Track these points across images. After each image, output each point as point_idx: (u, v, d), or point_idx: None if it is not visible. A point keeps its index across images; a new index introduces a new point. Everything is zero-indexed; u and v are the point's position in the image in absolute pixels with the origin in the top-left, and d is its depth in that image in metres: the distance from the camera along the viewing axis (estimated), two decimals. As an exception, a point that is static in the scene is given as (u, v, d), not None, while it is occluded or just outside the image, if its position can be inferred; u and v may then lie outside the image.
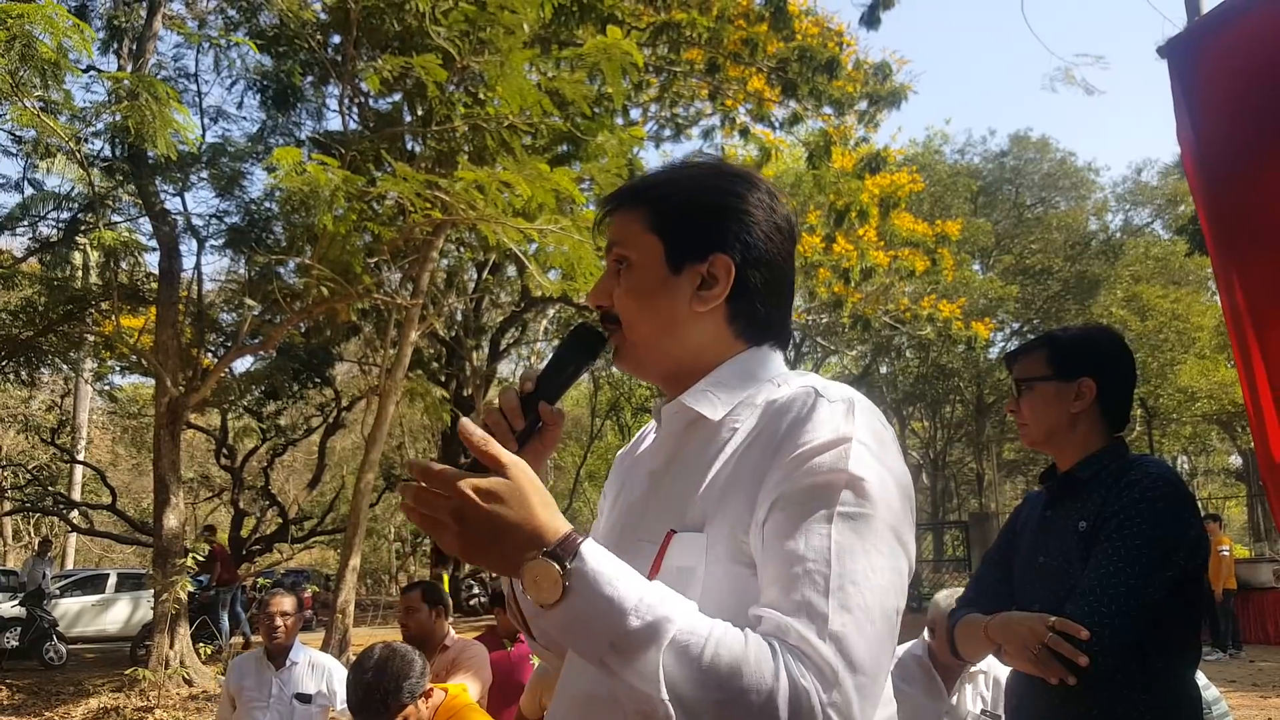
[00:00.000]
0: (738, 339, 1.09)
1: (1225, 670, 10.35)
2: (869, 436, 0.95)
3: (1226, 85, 2.04)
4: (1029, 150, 30.09)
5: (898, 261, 17.22)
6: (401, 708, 2.48)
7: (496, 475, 0.89)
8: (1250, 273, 1.97)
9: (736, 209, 1.09)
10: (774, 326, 1.11)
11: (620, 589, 0.85)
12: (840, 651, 0.85)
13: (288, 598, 4.04)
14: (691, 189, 1.11)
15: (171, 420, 10.94)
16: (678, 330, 1.08)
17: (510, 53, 8.80)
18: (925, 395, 30.59)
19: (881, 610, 0.89)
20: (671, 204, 1.10)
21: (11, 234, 14.23)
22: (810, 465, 0.93)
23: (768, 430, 0.99)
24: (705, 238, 1.07)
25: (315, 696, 3.91)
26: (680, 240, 1.08)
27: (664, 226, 1.09)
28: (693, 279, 1.07)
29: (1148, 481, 1.76)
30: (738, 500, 0.97)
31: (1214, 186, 2.05)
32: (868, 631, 0.87)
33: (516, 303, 19.32)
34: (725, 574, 0.96)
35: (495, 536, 0.88)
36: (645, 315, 1.08)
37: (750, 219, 1.08)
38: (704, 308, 1.07)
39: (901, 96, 15.27)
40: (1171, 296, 25.49)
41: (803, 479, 0.93)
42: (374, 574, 34.17)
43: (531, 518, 0.88)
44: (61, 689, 10.69)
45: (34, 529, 26.28)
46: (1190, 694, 1.77)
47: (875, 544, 0.91)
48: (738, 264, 1.07)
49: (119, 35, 12.08)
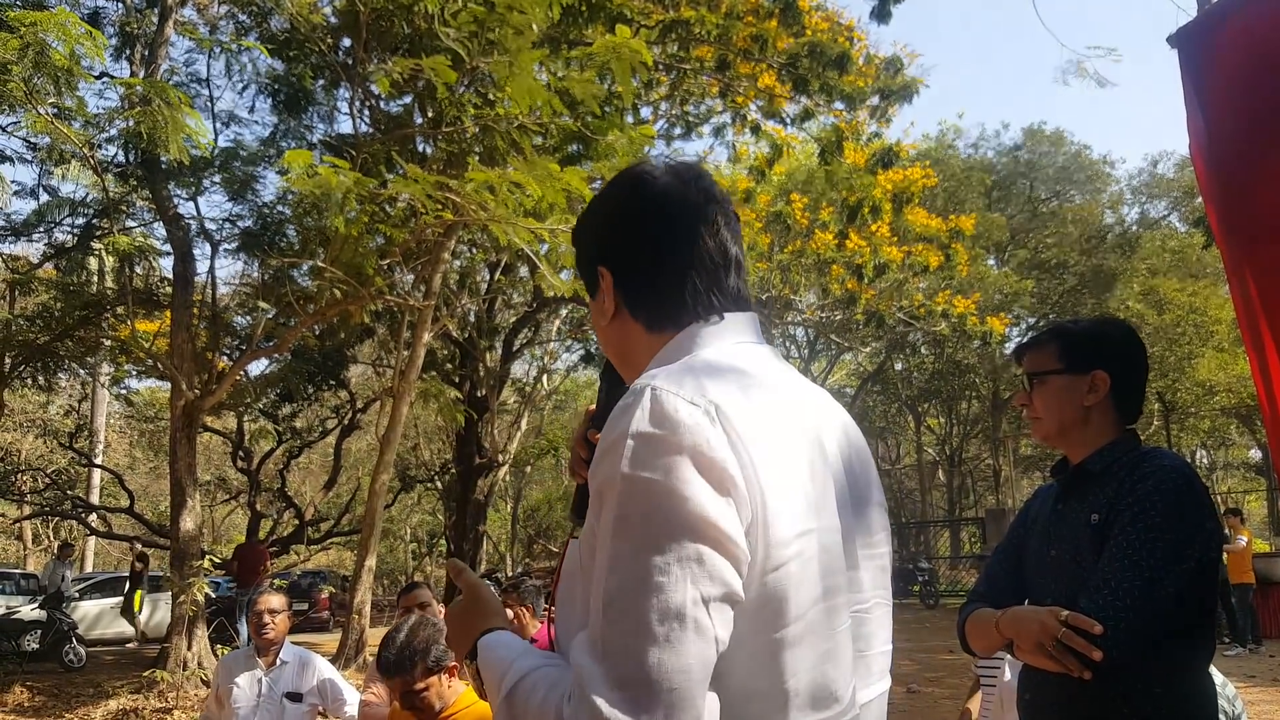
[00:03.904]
0: (654, 331, 1.10)
1: (1245, 665, 10.26)
2: (646, 425, 0.90)
3: (1236, 74, 2.03)
4: (1043, 144, 29.91)
5: (911, 257, 17.16)
6: (428, 671, 2.63)
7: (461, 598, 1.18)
8: (1262, 263, 1.96)
9: (600, 216, 1.17)
10: (692, 303, 1.08)
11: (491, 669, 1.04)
12: (604, 671, 0.85)
13: (276, 596, 4.01)
14: (581, 219, 1.22)
15: (187, 423, 11.02)
16: (614, 346, 1.16)
17: (519, 53, 8.80)
18: (941, 391, 30.46)
19: (659, 612, 0.84)
20: (576, 241, 1.22)
21: (27, 240, 14.37)
22: (597, 469, 0.93)
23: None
24: (590, 258, 1.16)
25: (305, 695, 3.88)
26: (583, 270, 1.19)
27: (577, 262, 1.22)
28: (601, 298, 1.14)
29: (1161, 474, 1.75)
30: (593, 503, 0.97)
31: (1224, 176, 2.04)
32: (635, 642, 0.84)
33: (529, 303, 19.34)
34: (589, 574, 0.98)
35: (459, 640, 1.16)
36: (603, 342, 1.19)
37: (615, 218, 1.14)
38: (604, 320, 1.14)
39: (913, 91, 15.21)
40: (1189, 289, 25.27)
41: (594, 483, 0.94)
42: (390, 574, 34.34)
43: (467, 630, 1.13)
44: (81, 691, 10.78)
45: (53, 533, 26.53)
46: (1204, 687, 1.77)
47: (651, 541, 0.86)
48: (614, 266, 1.12)
49: (131, 41, 12.19)
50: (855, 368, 32.77)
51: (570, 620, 1.01)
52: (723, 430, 0.91)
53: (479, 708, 2.74)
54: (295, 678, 3.92)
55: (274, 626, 3.90)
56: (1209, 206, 2.09)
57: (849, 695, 0.98)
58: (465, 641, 1.13)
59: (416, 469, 25.70)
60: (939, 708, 7.78)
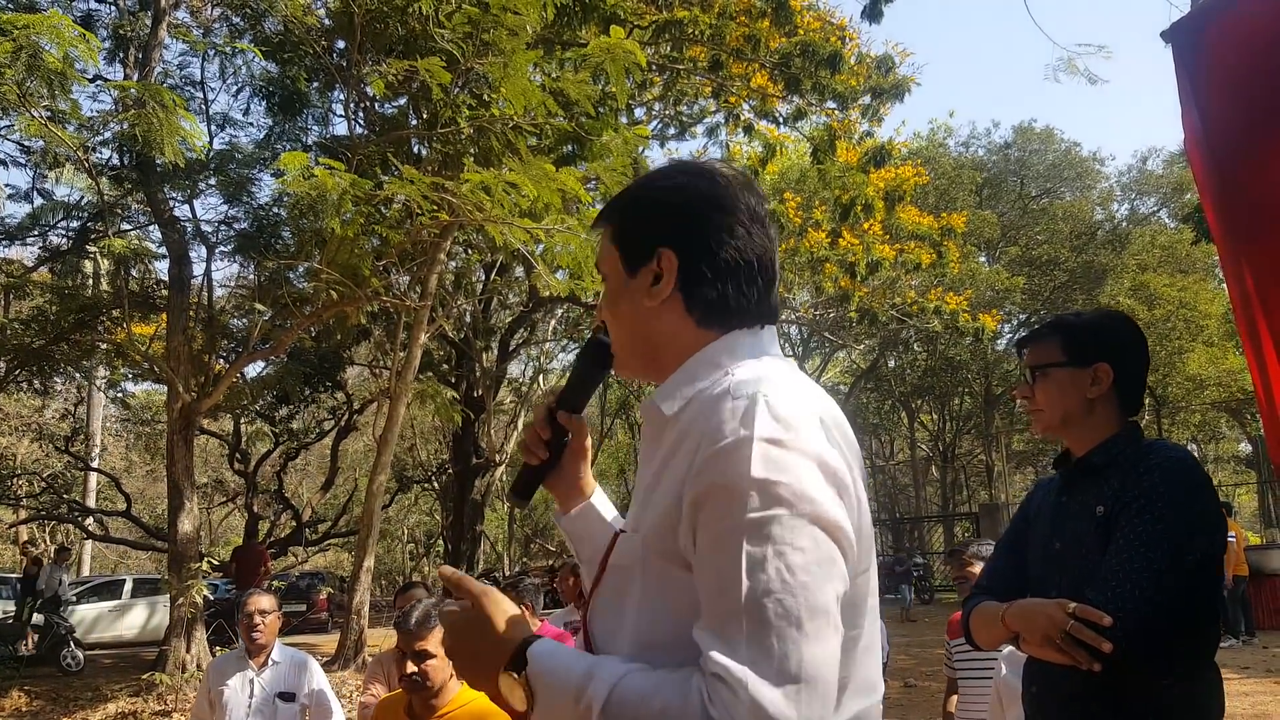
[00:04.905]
0: (702, 327, 1.09)
1: (1239, 656, 10.33)
2: (772, 430, 0.93)
3: (1231, 68, 2.01)
4: (1033, 141, 30.02)
5: (904, 255, 17.21)
6: (439, 638, 2.67)
7: (470, 605, 1.06)
8: (1258, 257, 1.95)
9: (674, 202, 1.11)
10: (742, 309, 1.10)
11: (560, 679, 0.96)
12: (760, 671, 0.86)
13: (265, 596, 3.97)
14: (638, 195, 1.16)
15: (184, 426, 11.00)
16: (641, 329, 1.12)
17: (514, 54, 8.82)
18: (934, 388, 30.54)
19: (808, 609, 0.88)
20: (624, 213, 1.16)
21: (22, 244, 14.33)
22: (713, 472, 0.93)
23: (692, 429, 1.00)
24: (650, 236, 1.11)
25: (298, 695, 3.86)
26: (630, 244, 1.13)
27: (620, 235, 1.15)
28: (645, 278, 1.11)
29: (1166, 466, 1.75)
30: (668, 501, 0.99)
31: (1219, 170, 2.02)
32: (792, 639, 0.87)
33: (525, 303, 19.36)
34: (660, 572, 0.99)
35: (467, 665, 1.07)
36: (616, 322, 1.15)
37: (692, 208, 1.10)
38: (653, 302, 1.10)
39: (905, 89, 15.26)
40: (1179, 285, 25.40)
41: (707, 486, 0.93)
42: (388, 575, 34.28)
43: (490, 645, 1.02)
44: (79, 695, 10.75)
45: (49, 537, 26.42)
46: (1212, 676, 1.77)
47: (790, 542, 0.90)
48: (681, 253, 1.09)
49: (125, 44, 12.16)
50: (849, 365, 32.84)
51: (620, 616, 1.03)
52: (828, 437, 0.97)
53: (474, 706, 2.75)
54: (288, 678, 3.89)
55: (264, 627, 3.86)
56: (1205, 201, 2.07)
57: (881, 683, 1.06)
58: (495, 655, 1.01)
59: (413, 469, 25.69)
60: (935, 702, 7.77)
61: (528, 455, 1.22)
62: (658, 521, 0.99)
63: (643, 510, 1.05)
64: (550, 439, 1.21)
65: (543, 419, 1.20)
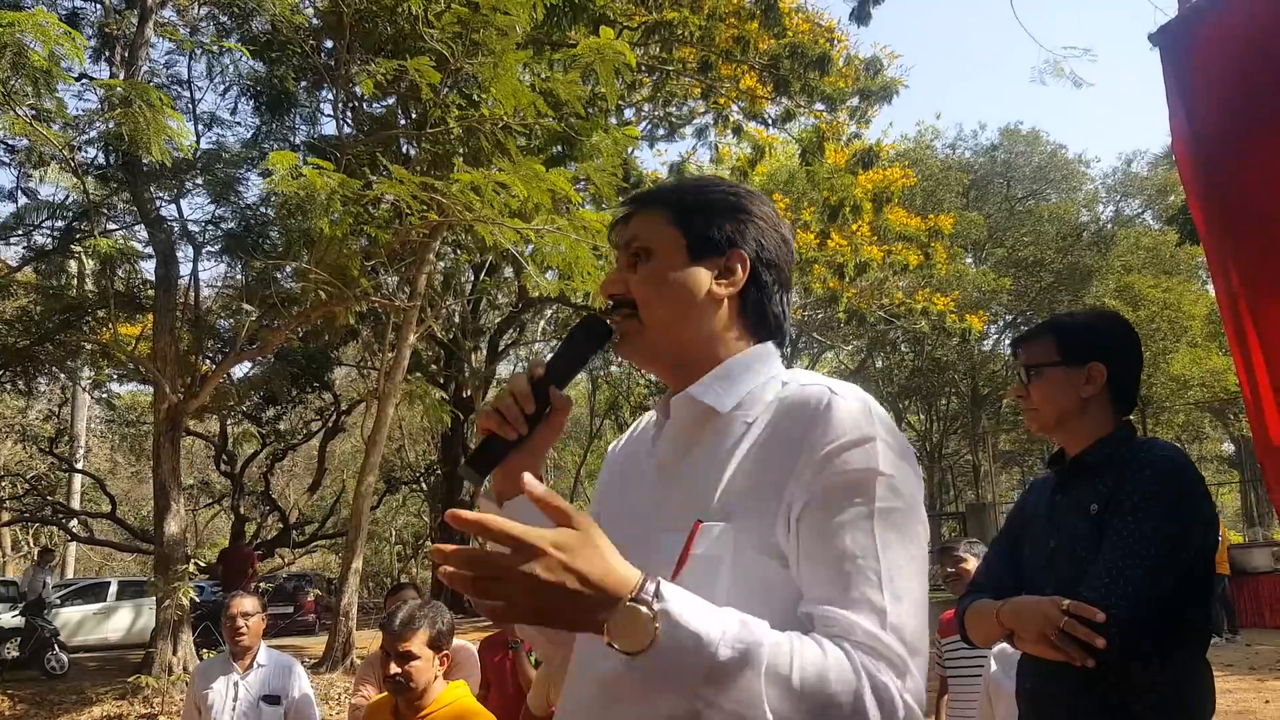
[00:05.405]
0: (745, 332, 1.17)
1: (1222, 654, 10.41)
2: (888, 435, 1.03)
3: (1218, 71, 2.02)
4: (1019, 143, 30.19)
5: (891, 256, 17.29)
6: (428, 642, 2.74)
7: (564, 527, 0.86)
8: (1245, 257, 1.96)
9: (749, 212, 1.19)
10: (779, 326, 1.20)
11: (705, 622, 0.86)
12: (902, 640, 0.95)
13: (248, 599, 3.95)
14: (708, 194, 1.20)
15: (171, 427, 10.93)
16: (693, 314, 1.14)
17: (503, 54, 8.82)
18: (921, 388, 30.67)
19: (921, 595, 1.00)
20: (692, 204, 1.18)
21: (6, 243, 14.21)
22: (841, 464, 1.00)
23: (785, 426, 1.05)
24: (724, 234, 1.16)
25: (283, 698, 3.84)
26: (701, 234, 1.16)
27: (686, 222, 1.17)
28: (712, 269, 1.15)
29: (1159, 464, 1.77)
30: (763, 494, 1.02)
31: (1206, 172, 2.03)
32: (917, 616, 0.98)
33: (514, 303, 19.34)
34: (754, 564, 1.00)
35: (572, 594, 0.84)
36: (664, 298, 1.14)
37: (763, 223, 1.19)
38: (723, 292, 1.14)
39: (893, 91, 15.35)
40: (1163, 286, 25.60)
41: (836, 477, 1.00)
42: (376, 577, 34.15)
43: (610, 569, 0.86)
44: (64, 698, 10.67)
45: (33, 539, 26.21)
46: (1204, 672, 1.79)
47: (909, 535, 1.01)
48: (752, 260, 1.16)
49: (111, 43, 12.07)
50: (837, 366, 32.92)
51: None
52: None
53: (457, 707, 2.76)
54: (273, 681, 3.87)
55: (247, 630, 3.84)
56: (1192, 202, 2.08)
57: None
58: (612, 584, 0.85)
59: (402, 470, 25.60)
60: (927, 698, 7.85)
61: (501, 427, 1.10)
62: (754, 516, 1.02)
63: (709, 502, 1.04)
64: (531, 414, 1.11)
65: (527, 391, 1.11)
